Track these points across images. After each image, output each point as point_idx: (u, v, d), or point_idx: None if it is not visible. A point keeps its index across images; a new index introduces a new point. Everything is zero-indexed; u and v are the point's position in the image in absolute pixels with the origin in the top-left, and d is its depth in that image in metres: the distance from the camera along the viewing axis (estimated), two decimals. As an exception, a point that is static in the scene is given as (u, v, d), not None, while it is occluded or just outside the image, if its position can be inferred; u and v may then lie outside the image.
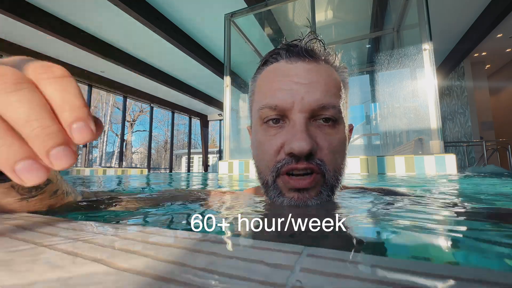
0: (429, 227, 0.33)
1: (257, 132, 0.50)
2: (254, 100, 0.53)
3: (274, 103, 0.46)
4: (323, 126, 0.46)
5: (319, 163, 0.44)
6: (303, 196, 0.44)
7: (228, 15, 4.05)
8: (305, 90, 0.45)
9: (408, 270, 0.14)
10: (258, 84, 0.53)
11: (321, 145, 0.44)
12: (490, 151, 5.67)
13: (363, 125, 6.93)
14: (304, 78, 0.46)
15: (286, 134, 0.45)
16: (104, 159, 19.62)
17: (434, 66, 2.75)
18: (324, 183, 0.45)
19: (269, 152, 0.46)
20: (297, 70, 0.47)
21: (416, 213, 0.41)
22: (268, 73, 0.50)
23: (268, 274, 0.14)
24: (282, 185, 0.46)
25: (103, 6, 4.27)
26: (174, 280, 0.14)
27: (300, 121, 0.44)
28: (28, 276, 0.15)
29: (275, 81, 0.48)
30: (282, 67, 0.48)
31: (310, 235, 0.28)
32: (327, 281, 0.13)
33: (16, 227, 0.27)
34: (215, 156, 16.45)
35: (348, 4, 4.50)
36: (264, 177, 0.48)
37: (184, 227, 0.37)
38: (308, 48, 0.48)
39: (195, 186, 1.89)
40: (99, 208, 0.47)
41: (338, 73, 0.51)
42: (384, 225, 0.34)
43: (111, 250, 0.19)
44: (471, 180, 1.67)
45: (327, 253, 0.17)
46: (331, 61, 0.50)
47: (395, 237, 0.30)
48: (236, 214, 0.43)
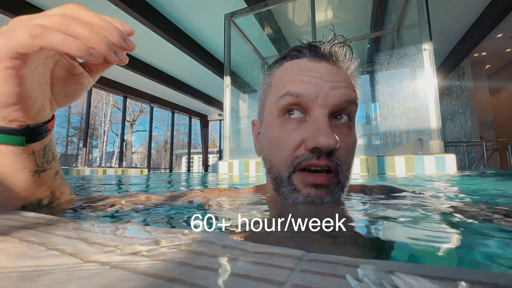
0: (430, 228, 0.33)
1: (272, 126, 0.48)
2: (270, 92, 0.51)
3: (297, 91, 0.44)
4: (339, 125, 0.46)
5: (338, 162, 0.43)
6: (320, 193, 0.43)
7: (228, 15, 4.05)
8: (329, 87, 0.44)
9: (412, 272, 0.14)
10: (276, 76, 0.51)
11: (339, 145, 0.43)
12: (490, 151, 5.67)
13: (363, 125, 6.93)
14: (328, 77, 0.45)
15: (308, 129, 0.43)
16: (104, 159, 19.62)
17: (434, 66, 2.75)
18: (337, 182, 0.45)
19: (287, 146, 0.45)
20: (321, 69, 0.46)
21: (417, 212, 0.41)
22: (289, 67, 0.49)
23: (268, 274, 0.14)
24: (298, 181, 0.44)
25: (103, 6, 4.28)
26: (175, 279, 0.14)
27: (323, 117, 0.43)
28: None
29: (298, 74, 0.46)
30: (304, 63, 0.48)
31: (310, 236, 0.28)
32: (327, 281, 0.13)
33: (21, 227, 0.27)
34: (215, 156, 16.45)
35: (348, 4, 4.50)
36: (277, 172, 0.47)
37: (184, 227, 0.37)
38: (332, 50, 0.48)
39: (195, 186, 1.89)
40: (97, 208, 0.47)
41: (352, 78, 0.51)
42: (383, 225, 0.34)
43: (111, 248, 0.19)
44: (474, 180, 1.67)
45: (328, 258, 0.17)
46: (350, 68, 0.50)
47: (393, 237, 0.30)
48: (237, 213, 0.43)
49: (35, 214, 0.33)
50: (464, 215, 0.38)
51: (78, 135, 18.98)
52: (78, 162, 7.93)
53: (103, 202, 0.51)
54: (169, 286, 0.13)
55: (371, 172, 2.60)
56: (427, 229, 0.32)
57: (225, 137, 3.73)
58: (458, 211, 0.43)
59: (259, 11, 4.02)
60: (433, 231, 0.31)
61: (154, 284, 0.14)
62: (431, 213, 0.41)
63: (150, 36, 5.05)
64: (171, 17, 4.84)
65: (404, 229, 0.32)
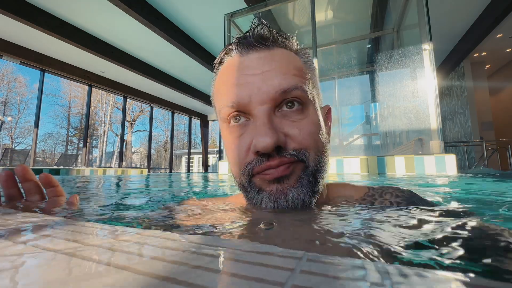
0: (431, 232, 0.33)
1: (224, 134, 0.48)
2: (216, 102, 0.50)
3: (232, 100, 0.43)
4: (289, 113, 0.42)
5: (294, 153, 0.41)
6: (282, 187, 0.41)
7: (228, 15, 4.05)
8: (260, 80, 0.42)
9: (411, 275, 0.14)
10: (216, 85, 0.50)
11: (292, 134, 0.41)
12: (490, 151, 5.67)
13: (363, 125, 6.93)
14: (257, 68, 0.43)
15: (251, 132, 0.42)
16: (104, 159, 19.62)
17: (434, 66, 2.75)
18: (305, 168, 0.42)
19: (238, 154, 0.44)
20: (249, 62, 0.44)
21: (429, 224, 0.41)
22: (223, 71, 0.48)
23: (268, 274, 0.14)
24: (260, 181, 0.43)
25: (103, 6, 4.28)
26: (176, 279, 0.14)
27: (261, 114, 0.41)
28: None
29: (230, 78, 0.45)
30: (235, 62, 0.46)
31: (310, 240, 0.28)
32: (326, 281, 0.13)
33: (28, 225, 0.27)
34: (215, 156, 16.45)
35: (348, 4, 4.50)
36: (239, 180, 0.46)
37: (185, 231, 0.37)
38: (257, 36, 0.45)
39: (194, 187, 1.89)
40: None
41: (299, 56, 0.48)
42: (384, 228, 0.34)
43: (111, 251, 0.19)
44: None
45: (328, 259, 0.17)
46: (288, 46, 0.47)
47: (392, 240, 0.30)
48: (238, 218, 0.42)
49: (32, 214, 0.33)
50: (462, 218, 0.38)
51: (78, 135, 18.98)
52: (78, 162, 7.93)
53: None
54: (169, 286, 0.13)
55: (371, 172, 2.60)
56: (429, 235, 0.32)
57: (225, 137, 3.73)
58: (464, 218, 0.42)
59: (259, 11, 4.02)
60: (436, 235, 0.31)
61: (154, 284, 0.14)
62: (441, 225, 0.41)
63: (150, 36, 5.05)
64: (171, 17, 4.85)
65: (407, 233, 0.32)
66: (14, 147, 16.87)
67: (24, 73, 18.72)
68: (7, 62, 12.33)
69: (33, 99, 16.98)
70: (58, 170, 5.72)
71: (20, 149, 9.55)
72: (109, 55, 5.70)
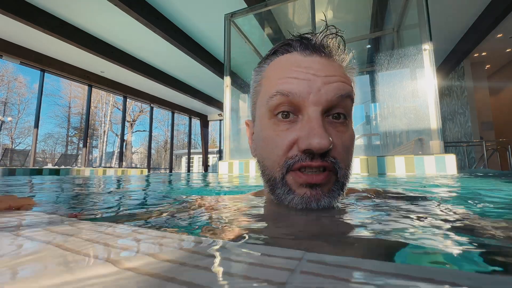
0: (431, 232, 0.33)
1: (264, 127, 0.47)
2: (261, 90, 0.49)
3: (288, 89, 0.42)
4: (334, 123, 0.44)
5: (333, 161, 0.42)
6: (316, 193, 0.42)
7: (228, 15, 4.05)
8: (322, 82, 0.42)
9: (410, 275, 0.14)
10: (266, 74, 0.49)
11: (335, 143, 0.42)
12: (490, 151, 5.66)
13: (363, 125, 6.93)
14: (321, 71, 0.43)
15: (301, 129, 0.42)
16: (104, 159, 19.61)
17: (434, 66, 2.75)
18: (336, 180, 0.43)
19: (279, 147, 0.43)
20: (313, 63, 0.44)
21: (416, 216, 0.41)
22: (279, 63, 0.47)
23: (268, 274, 0.14)
24: (292, 181, 0.43)
25: (103, 6, 4.28)
26: (176, 279, 0.14)
27: (316, 115, 0.41)
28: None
29: (289, 70, 0.44)
30: (295, 58, 0.45)
31: (311, 239, 0.28)
32: (326, 282, 0.13)
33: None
34: (215, 156, 16.44)
35: (348, 4, 4.50)
36: (271, 174, 0.45)
37: (187, 231, 0.37)
38: (323, 42, 0.46)
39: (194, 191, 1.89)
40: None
41: (347, 71, 0.49)
42: (384, 227, 0.34)
43: (111, 249, 0.19)
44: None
45: (328, 259, 0.17)
46: (344, 60, 0.48)
47: (397, 241, 0.30)
48: (239, 219, 0.42)
49: (33, 212, 0.33)
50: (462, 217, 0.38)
51: (78, 135, 18.97)
52: (78, 162, 7.93)
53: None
54: (169, 286, 0.13)
55: (371, 172, 2.60)
56: (427, 233, 0.32)
57: (225, 137, 3.73)
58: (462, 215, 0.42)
59: (259, 11, 4.02)
60: (436, 235, 0.31)
61: (155, 284, 0.14)
62: (432, 218, 0.41)
63: (150, 36, 5.05)
64: (171, 17, 4.84)
65: (409, 231, 0.32)
66: (14, 147, 16.87)
67: (24, 73, 18.72)
68: (7, 62, 12.32)
69: (33, 99, 16.99)
70: (58, 170, 5.72)
71: (20, 149, 9.55)
72: (109, 55, 5.70)
